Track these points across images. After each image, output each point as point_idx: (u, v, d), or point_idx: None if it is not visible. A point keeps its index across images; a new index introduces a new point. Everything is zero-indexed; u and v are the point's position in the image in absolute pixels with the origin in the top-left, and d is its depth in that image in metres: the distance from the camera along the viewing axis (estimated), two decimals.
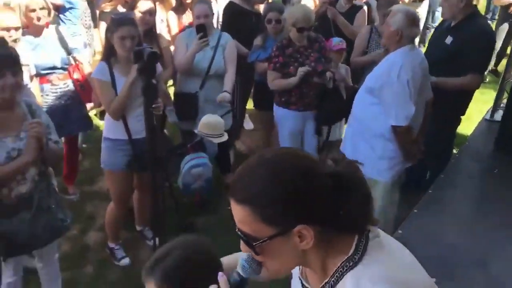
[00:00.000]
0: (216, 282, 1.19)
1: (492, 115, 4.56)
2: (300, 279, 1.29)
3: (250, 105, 5.28)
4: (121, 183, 3.41)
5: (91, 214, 4.19)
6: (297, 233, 1.07)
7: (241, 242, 1.14)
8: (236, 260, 1.21)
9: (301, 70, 3.80)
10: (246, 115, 5.69)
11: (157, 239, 3.49)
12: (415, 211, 3.07)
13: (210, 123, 3.69)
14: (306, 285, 1.27)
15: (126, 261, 3.60)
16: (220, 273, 1.20)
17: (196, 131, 3.76)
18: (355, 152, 3.22)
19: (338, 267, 1.12)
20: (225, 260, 1.53)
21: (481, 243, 2.81)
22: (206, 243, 1.49)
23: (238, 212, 1.09)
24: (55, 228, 2.62)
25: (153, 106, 3.10)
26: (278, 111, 4.13)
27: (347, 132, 3.48)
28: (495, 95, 5.06)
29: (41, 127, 2.44)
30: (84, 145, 5.09)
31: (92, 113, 4.46)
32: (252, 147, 5.59)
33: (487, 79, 8.34)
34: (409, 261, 1.19)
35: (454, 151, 4.35)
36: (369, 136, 3.10)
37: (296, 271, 1.34)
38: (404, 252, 1.21)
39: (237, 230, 1.12)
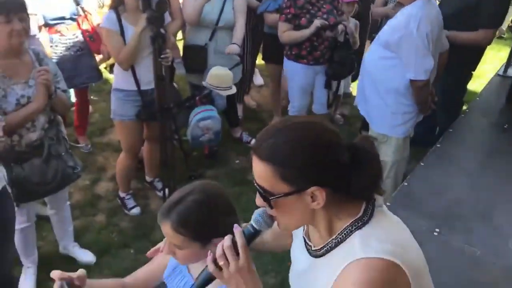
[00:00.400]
0: (231, 229, 1.26)
1: (505, 70, 4.47)
2: (303, 237, 1.36)
3: (260, 60, 5.24)
4: (131, 133, 3.45)
5: (102, 165, 4.26)
6: (310, 194, 1.14)
7: (257, 195, 1.21)
8: None
9: (317, 23, 3.74)
10: (256, 70, 5.66)
11: (166, 190, 3.57)
12: (421, 164, 3.08)
13: (219, 75, 3.68)
14: (309, 243, 1.33)
15: (136, 210, 3.68)
16: (235, 225, 1.27)
17: (204, 83, 3.76)
18: (368, 107, 3.20)
19: (347, 226, 1.20)
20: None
21: (486, 196, 2.82)
22: (220, 188, 1.52)
23: (259, 168, 1.16)
24: (65, 175, 2.68)
25: (162, 56, 3.10)
26: (288, 65, 4.10)
27: (359, 87, 3.45)
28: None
29: (49, 75, 2.46)
30: (92, 97, 5.11)
31: (102, 67, 4.45)
32: (261, 102, 5.59)
33: (505, 35, 8.16)
34: (406, 231, 1.27)
35: (465, 107, 4.32)
36: (382, 91, 3.06)
37: (299, 231, 1.40)
38: (400, 223, 1.29)
39: (255, 183, 1.19)
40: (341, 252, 1.20)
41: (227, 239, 1.24)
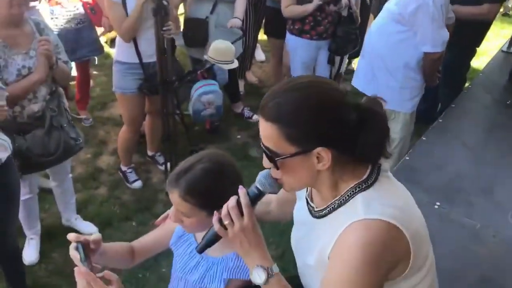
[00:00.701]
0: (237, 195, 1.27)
1: (509, 46, 4.44)
2: (306, 198, 1.38)
3: (262, 35, 5.20)
4: (133, 106, 3.44)
5: (104, 139, 4.26)
6: (316, 154, 1.15)
7: (264, 156, 1.22)
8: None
9: None
10: (258, 45, 5.61)
11: (168, 164, 3.58)
12: (423, 138, 3.08)
13: (220, 49, 3.65)
14: (312, 204, 1.34)
15: (138, 184, 3.69)
16: (240, 186, 1.28)
17: (205, 56, 3.73)
18: (370, 85, 3.18)
19: (351, 187, 1.21)
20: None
21: (487, 171, 2.83)
22: (229, 157, 1.52)
23: (266, 129, 1.16)
24: (68, 146, 2.68)
25: (164, 28, 3.07)
26: (291, 40, 4.06)
27: (360, 64, 3.41)
28: None
29: (50, 45, 2.45)
30: (93, 71, 5.09)
31: (102, 41, 4.42)
32: (263, 78, 5.56)
33: (510, 12, 8.05)
34: (409, 197, 1.28)
35: (468, 84, 4.30)
36: (391, 67, 3.03)
37: (302, 192, 1.42)
38: (404, 189, 1.29)
39: (261, 145, 1.19)
40: (343, 213, 1.21)
41: (232, 199, 1.25)
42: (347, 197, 1.21)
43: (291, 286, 1.28)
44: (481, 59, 5.77)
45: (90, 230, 3.18)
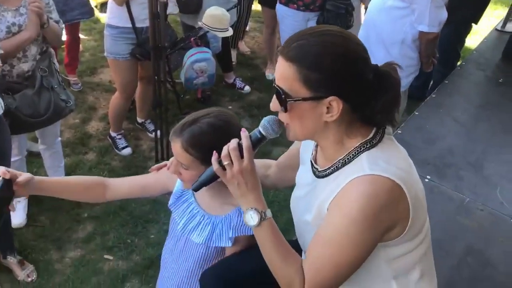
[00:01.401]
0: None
1: (503, 25, 4.43)
2: (311, 161, 1.37)
3: (257, 4, 5.13)
4: (125, 72, 3.38)
5: (93, 105, 4.21)
6: (327, 104, 1.14)
7: (273, 98, 1.20)
8: None
9: None
10: None
11: (158, 132, 3.55)
12: (416, 113, 3.08)
13: (216, 15, 3.59)
14: (316, 165, 1.33)
15: (128, 150, 3.66)
16: (242, 129, 1.27)
17: (200, 23, 3.67)
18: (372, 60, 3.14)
19: (356, 146, 1.21)
20: None
21: (477, 147, 2.85)
22: (236, 118, 1.51)
23: (284, 68, 1.15)
24: (58, 108, 2.63)
25: None
26: (280, 9, 4.00)
27: (359, 36, 3.38)
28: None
29: (41, 3, 2.38)
30: (82, 35, 4.98)
31: (92, 5, 4.32)
32: (255, 49, 5.50)
33: None
34: (410, 162, 1.27)
35: (460, 62, 4.31)
36: (388, 43, 3.00)
37: (307, 158, 1.41)
38: (406, 154, 1.29)
39: (274, 85, 1.18)
40: (347, 170, 1.21)
41: (233, 141, 1.25)
42: (352, 156, 1.21)
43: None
44: (474, 38, 5.77)
45: None
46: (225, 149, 1.24)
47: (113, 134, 3.71)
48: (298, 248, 1.28)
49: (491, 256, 2.17)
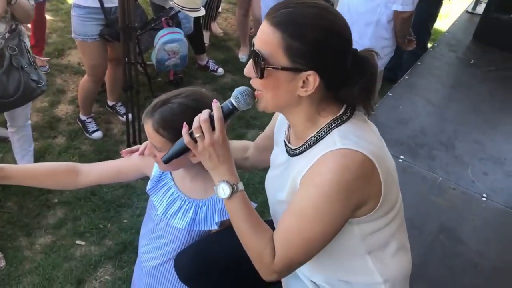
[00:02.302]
0: None
1: (474, 7, 4.48)
2: (284, 141, 1.36)
3: None
4: (94, 54, 3.28)
5: (61, 87, 4.09)
6: (304, 78, 1.13)
7: (249, 63, 1.18)
8: None
9: None
10: None
11: (129, 115, 3.47)
12: (389, 94, 3.10)
13: None
14: (289, 145, 1.33)
15: (98, 134, 3.58)
16: (214, 100, 1.24)
17: (171, 3, 3.59)
18: None
19: (327, 123, 1.20)
20: None
21: (449, 127, 2.89)
22: (207, 95, 1.46)
23: (268, 33, 1.13)
24: (28, 89, 2.53)
25: None
26: None
27: None
28: None
29: None
30: (48, 16, 4.82)
31: None
32: (228, 30, 5.43)
33: None
34: (381, 139, 1.28)
35: (430, 45, 4.35)
36: (362, 24, 2.99)
37: (280, 138, 1.41)
38: (377, 131, 1.29)
39: (253, 48, 1.16)
40: (319, 147, 1.20)
41: (204, 113, 1.22)
42: (323, 133, 1.20)
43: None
44: (444, 21, 5.83)
45: None
46: (196, 121, 1.21)
47: (83, 117, 3.62)
48: (273, 228, 1.26)
49: (463, 234, 2.21)
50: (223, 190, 1.23)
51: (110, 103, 3.87)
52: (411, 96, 3.11)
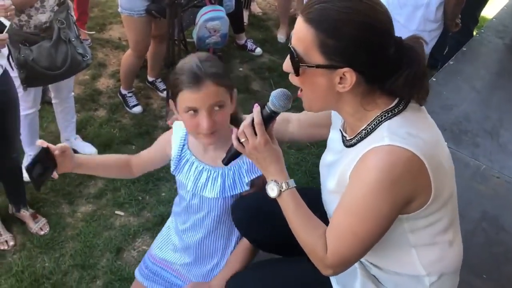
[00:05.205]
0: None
1: None
2: (340, 130, 1.36)
3: None
4: (139, 29, 3.30)
5: (103, 61, 4.14)
6: (341, 74, 1.11)
7: (287, 60, 1.17)
8: None
9: None
10: None
11: (169, 91, 3.51)
12: (433, 79, 3.05)
13: None
14: (345, 134, 1.32)
15: (138, 108, 3.63)
16: (255, 104, 1.28)
17: None
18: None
19: (377, 116, 1.18)
20: None
21: (494, 115, 2.84)
22: None
23: (302, 30, 1.12)
24: (75, 61, 2.58)
25: None
26: None
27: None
28: None
29: None
30: None
31: None
32: (267, 10, 5.40)
33: None
34: (438, 133, 1.26)
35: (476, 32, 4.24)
36: (412, 6, 2.93)
37: (337, 124, 1.40)
38: (435, 125, 1.27)
39: (290, 45, 1.15)
40: (367, 141, 1.20)
41: (248, 118, 1.28)
42: (373, 126, 1.19)
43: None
44: (493, 6, 5.65)
45: (89, 151, 3.15)
46: (241, 127, 1.28)
47: (123, 91, 3.67)
48: (324, 216, 1.29)
49: (506, 222, 2.19)
50: (271, 189, 1.29)
51: (150, 78, 3.91)
52: (456, 82, 3.07)
